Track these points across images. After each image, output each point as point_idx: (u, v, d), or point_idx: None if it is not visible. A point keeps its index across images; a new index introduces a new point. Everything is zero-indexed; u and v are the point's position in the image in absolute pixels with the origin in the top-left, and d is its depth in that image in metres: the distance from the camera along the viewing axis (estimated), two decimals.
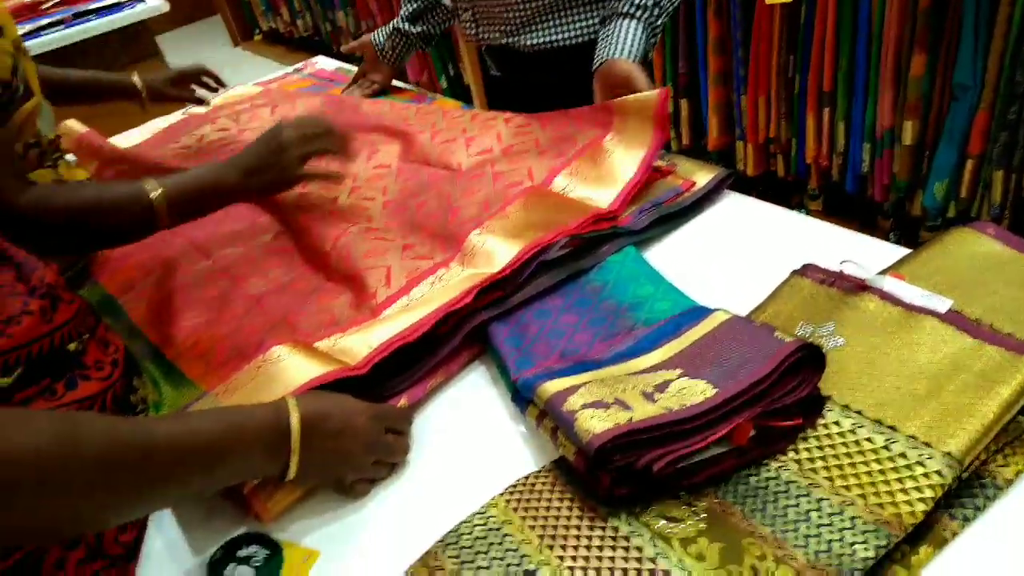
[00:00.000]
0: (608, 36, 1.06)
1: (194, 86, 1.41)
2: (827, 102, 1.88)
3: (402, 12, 1.41)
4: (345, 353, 0.72)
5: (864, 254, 0.75)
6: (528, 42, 1.21)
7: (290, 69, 1.73)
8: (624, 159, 0.95)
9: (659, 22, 1.07)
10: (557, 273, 0.82)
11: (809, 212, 2.08)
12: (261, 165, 0.88)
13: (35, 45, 2.31)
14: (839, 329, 0.66)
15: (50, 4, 2.49)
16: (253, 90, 1.55)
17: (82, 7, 2.48)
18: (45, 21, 2.42)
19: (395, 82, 1.52)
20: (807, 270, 0.75)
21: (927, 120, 1.74)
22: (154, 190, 0.80)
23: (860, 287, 0.70)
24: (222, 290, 0.90)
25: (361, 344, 0.73)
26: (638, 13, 1.05)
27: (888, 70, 1.73)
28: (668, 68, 2.18)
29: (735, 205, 0.96)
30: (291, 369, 0.70)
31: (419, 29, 1.41)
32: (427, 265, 0.85)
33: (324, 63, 1.71)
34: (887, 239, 0.82)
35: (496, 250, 0.82)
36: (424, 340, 0.73)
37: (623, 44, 1.04)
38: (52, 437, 0.44)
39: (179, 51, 3.69)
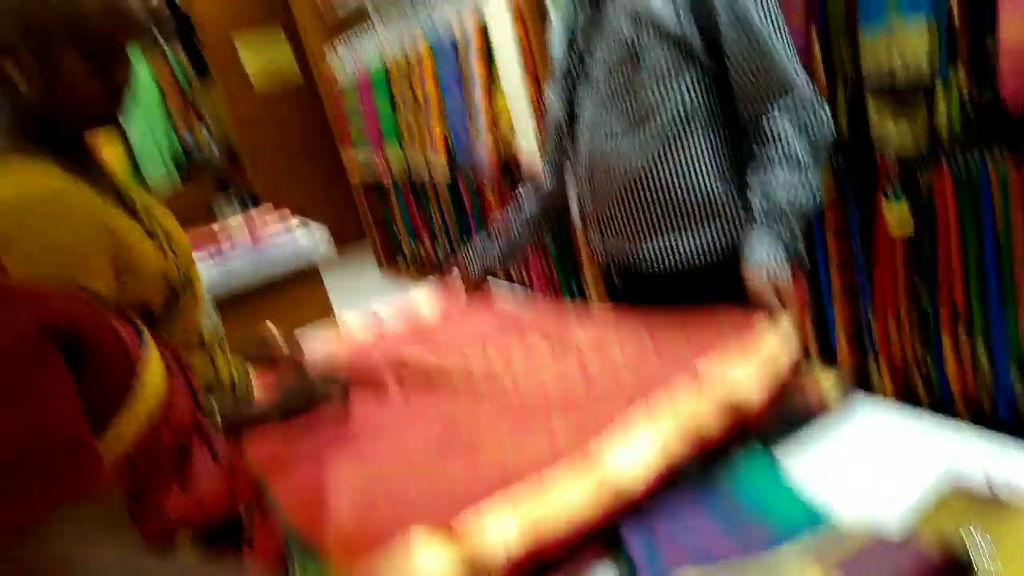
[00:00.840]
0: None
1: None
2: (963, 322, 1.83)
3: (492, 241, 1.63)
4: (483, 544, 0.75)
5: (1016, 462, 0.72)
6: (651, 256, 1.31)
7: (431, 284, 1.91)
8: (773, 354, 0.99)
9: (786, 225, 1.17)
10: (688, 475, 0.83)
11: None
12: (294, 408, 1.12)
13: (218, 276, 2.69)
14: (994, 542, 0.63)
15: (237, 236, 2.92)
16: (430, 304, 1.74)
17: (262, 239, 2.89)
18: (230, 249, 2.82)
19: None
20: (955, 479, 0.72)
21: None
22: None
23: (1015, 497, 0.66)
24: (369, 481, 0.97)
25: (497, 534, 0.75)
26: (761, 220, 1.17)
27: None
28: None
29: (870, 411, 0.95)
30: (429, 557, 0.74)
31: (504, 250, 1.63)
32: (568, 456, 0.88)
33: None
34: None
35: (636, 458, 0.85)
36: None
37: (753, 247, 1.16)
38: None
39: (332, 275, 4.14)
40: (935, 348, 1.93)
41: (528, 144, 3.01)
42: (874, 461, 0.84)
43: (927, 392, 2.01)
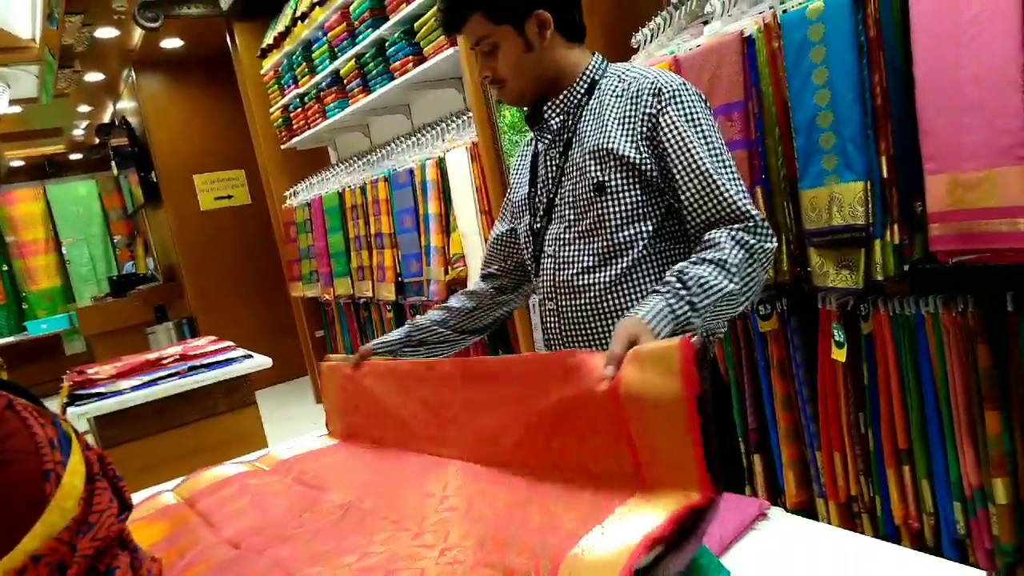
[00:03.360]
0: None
1: None
2: (906, 459, 1.86)
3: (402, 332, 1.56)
4: None
5: None
6: None
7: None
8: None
9: (684, 304, 1.08)
10: None
11: None
12: None
13: (150, 393, 2.58)
14: None
15: (170, 359, 2.81)
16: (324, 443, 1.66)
17: (197, 362, 2.79)
18: (163, 373, 2.70)
19: None
20: None
21: (1018, 477, 1.69)
22: None
23: None
24: None
25: None
26: (662, 288, 1.11)
27: (963, 428, 1.74)
28: (739, 424, 2.24)
29: (820, 534, 0.93)
30: None
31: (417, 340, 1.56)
32: None
33: None
34: None
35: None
36: None
37: (641, 308, 1.07)
38: None
39: (270, 404, 4.01)
40: (880, 483, 1.94)
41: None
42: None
43: (872, 526, 2.00)
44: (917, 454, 1.84)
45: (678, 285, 1.10)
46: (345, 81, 3.93)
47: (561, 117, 1.33)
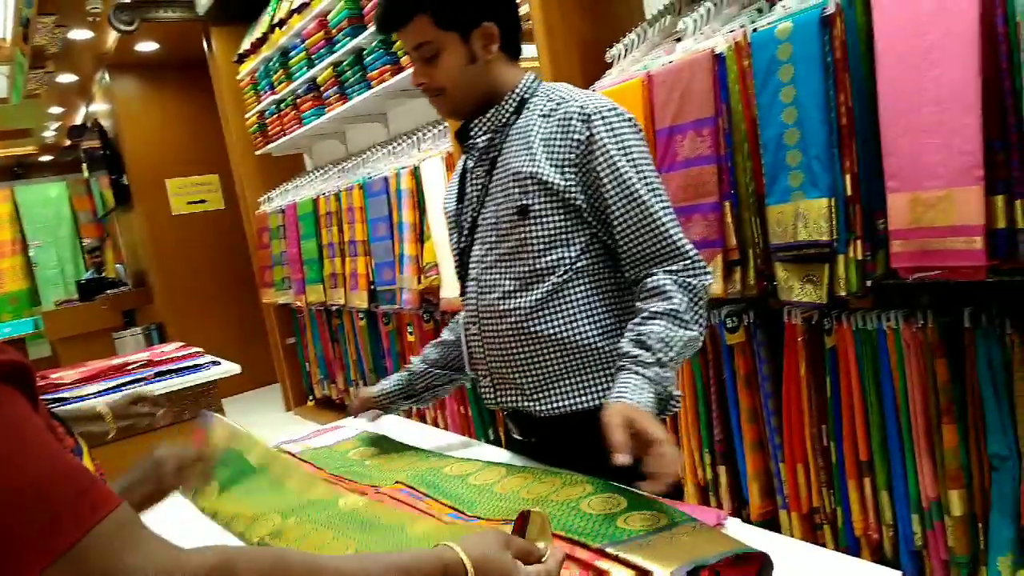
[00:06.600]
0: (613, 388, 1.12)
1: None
2: (867, 471, 1.90)
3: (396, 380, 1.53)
4: None
5: None
6: (541, 407, 1.28)
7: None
8: None
9: (654, 367, 1.11)
10: None
11: None
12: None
13: (115, 398, 2.53)
14: None
15: (137, 364, 2.78)
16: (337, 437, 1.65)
17: (164, 367, 2.75)
18: (129, 379, 2.66)
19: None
20: None
21: (973, 490, 1.73)
22: None
23: None
24: None
25: None
26: (626, 362, 1.12)
27: (921, 441, 1.78)
28: (704, 435, 2.27)
29: (775, 544, 0.95)
30: None
31: (412, 383, 1.53)
32: None
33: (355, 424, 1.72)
34: None
35: None
36: None
37: (616, 389, 1.09)
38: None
39: (239, 411, 3.96)
40: (841, 495, 1.98)
41: (452, 288, 3.06)
42: None
43: (833, 537, 2.04)
44: (878, 466, 1.88)
45: (641, 351, 1.11)
46: (322, 89, 3.93)
47: (488, 135, 1.31)
